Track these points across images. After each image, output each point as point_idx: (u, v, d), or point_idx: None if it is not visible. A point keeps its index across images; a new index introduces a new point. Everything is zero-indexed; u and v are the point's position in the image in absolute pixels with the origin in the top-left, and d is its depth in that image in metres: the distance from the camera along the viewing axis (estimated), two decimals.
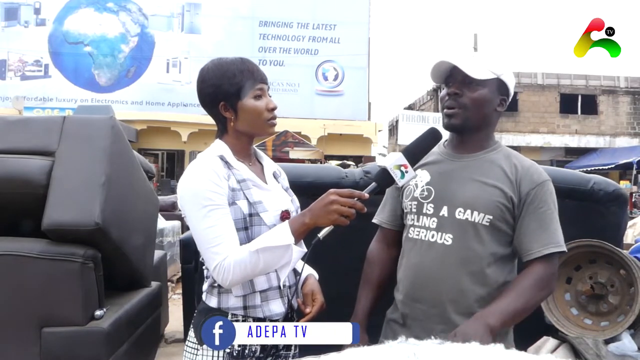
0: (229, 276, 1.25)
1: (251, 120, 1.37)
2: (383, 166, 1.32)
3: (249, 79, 1.36)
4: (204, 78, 1.38)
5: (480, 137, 1.47)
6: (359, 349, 0.66)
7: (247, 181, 1.35)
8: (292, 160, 13.61)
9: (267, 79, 1.41)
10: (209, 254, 1.27)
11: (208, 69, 1.39)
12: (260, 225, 1.32)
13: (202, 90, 1.39)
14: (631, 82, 20.42)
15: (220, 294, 1.34)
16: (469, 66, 1.39)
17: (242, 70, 1.36)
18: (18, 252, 1.86)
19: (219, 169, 1.32)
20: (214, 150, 1.38)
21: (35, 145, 2.01)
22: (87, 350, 1.88)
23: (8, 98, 17.72)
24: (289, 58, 18.95)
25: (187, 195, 1.32)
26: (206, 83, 1.37)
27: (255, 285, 1.33)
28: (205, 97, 1.39)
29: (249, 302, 1.33)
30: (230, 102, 1.36)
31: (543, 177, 1.43)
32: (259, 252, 1.24)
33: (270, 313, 1.35)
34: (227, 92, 1.35)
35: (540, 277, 1.38)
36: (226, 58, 1.40)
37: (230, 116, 1.37)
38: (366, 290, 1.56)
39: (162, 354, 3.34)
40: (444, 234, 1.42)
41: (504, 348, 0.65)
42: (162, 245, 5.00)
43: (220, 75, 1.36)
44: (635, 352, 2.00)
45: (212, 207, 1.27)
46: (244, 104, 1.36)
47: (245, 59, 1.39)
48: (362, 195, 1.25)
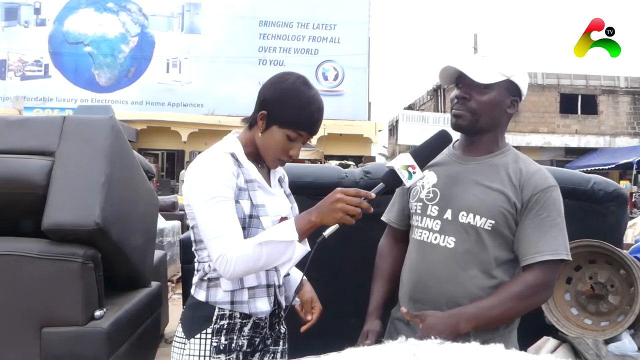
0: (230, 268, 1.25)
1: (267, 146, 1.36)
2: (391, 167, 1.31)
3: (302, 122, 1.33)
4: (280, 86, 1.34)
5: (490, 139, 1.45)
6: (359, 349, 0.66)
7: (254, 182, 1.35)
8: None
9: (315, 133, 1.38)
10: (213, 244, 1.27)
11: (293, 82, 1.34)
12: (257, 228, 1.33)
13: (265, 92, 1.35)
14: (631, 82, 20.41)
15: (209, 287, 1.35)
16: (475, 71, 1.38)
17: (309, 111, 1.32)
18: (18, 252, 1.86)
19: (230, 165, 1.33)
20: (226, 146, 1.37)
21: (35, 145, 2.01)
22: (87, 350, 1.88)
23: (8, 98, 17.74)
24: (289, 58, 18.95)
25: (195, 185, 1.31)
26: (277, 88, 1.34)
27: (245, 282, 1.34)
28: (262, 99, 1.35)
29: (237, 297, 1.34)
30: (270, 118, 1.33)
31: (548, 183, 1.40)
32: (262, 245, 1.25)
33: (256, 310, 1.36)
34: (277, 111, 1.32)
35: (529, 285, 1.35)
36: (313, 90, 1.35)
37: (260, 126, 1.35)
38: (379, 284, 1.57)
39: (162, 354, 3.33)
40: (447, 237, 1.41)
41: (504, 348, 0.65)
42: (162, 245, 4.99)
43: (292, 97, 1.32)
44: (635, 352, 2.00)
45: (220, 198, 1.28)
46: (275, 131, 1.33)
47: (322, 106, 1.35)
48: (368, 195, 1.24)
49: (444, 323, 1.30)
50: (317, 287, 1.52)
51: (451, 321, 1.30)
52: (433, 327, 1.29)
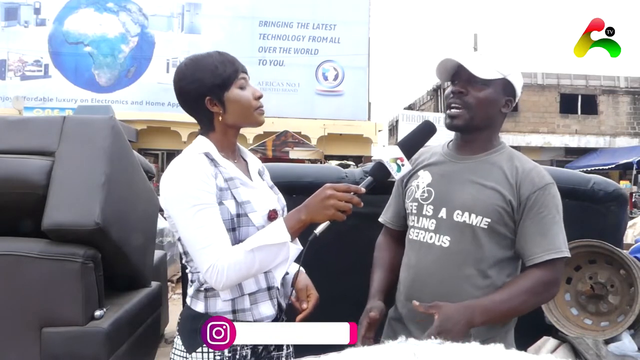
0: (222, 278, 1.19)
1: (240, 111, 1.32)
2: (379, 159, 1.30)
3: (231, 69, 1.30)
4: (183, 75, 1.31)
5: (484, 137, 1.45)
6: (359, 349, 0.66)
7: (235, 179, 1.30)
8: (292, 160, 13.63)
9: (246, 68, 1.36)
10: (201, 256, 1.21)
11: (186, 65, 1.32)
12: (248, 226, 1.27)
13: (183, 88, 1.32)
14: (631, 82, 20.41)
15: (207, 298, 1.29)
16: (474, 65, 1.38)
17: (222, 62, 1.31)
18: (18, 252, 1.86)
19: (206, 167, 1.27)
20: (198, 147, 1.31)
21: (35, 145, 2.01)
22: (87, 350, 1.88)
23: (8, 98, 17.72)
24: (289, 58, 18.94)
25: (173, 194, 1.25)
26: (187, 79, 1.31)
27: (244, 288, 1.29)
28: (188, 95, 1.32)
29: (238, 305, 1.29)
30: (217, 95, 1.30)
31: (545, 180, 1.40)
32: (254, 251, 1.19)
33: (260, 316, 1.31)
34: (212, 85, 1.29)
35: (538, 282, 1.36)
36: (201, 53, 1.34)
37: (218, 110, 1.31)
38: (378, 273, 1.55)
39: (162, 354, 3.33)
40: (442, 236, 1.41)
41: (504, 348, 0.65)
42: (162, 245, 4.99)
43: (201, 69, 1.29)
44: (635, 352, 2.00)
45: (201, 206, 1.22)
46: (231, 95, 1.30)
47: (222, 52, 1.34)
48: (358, 190, 1.22)
49: (460, 314, 1.29)
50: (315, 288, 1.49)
51: (467, 312, 1.29)
52: (450, 317, 1.28)
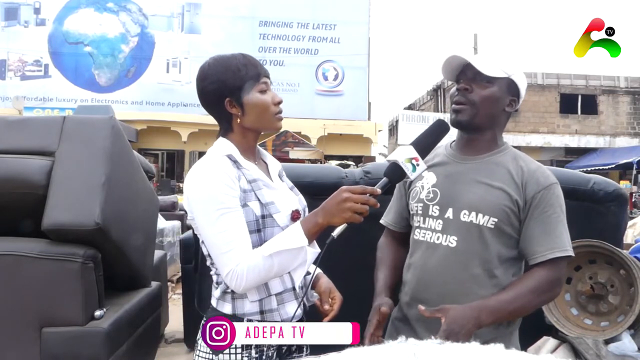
0: (242, 282, 1.21)
1: (258, 115, 1.32)
2: (394, 160, 1.28)
3: (253, 73, 1.32)
4: (206, 75, 1.33)
5: (487, 137, 1.45)
6: (359, 348, 0.66)
7: (258, 181, 1.30)
8: (292, 160, 13.63)
9: (269, 73, 1.37)
10: (222, 260, 1.23)
11: (209, 65, 1.34)
12: (273, 227, 1.28)
13: (205, 88, 1.33)
14: (631, 82, 20.42)
15: (235, 299, 1.30)
16: (480, 62, 1.39)
17: (245, 64, 1.32)
18: (18, 252, 1.86)
19: (229, 170, 1.27)
20: (221, 149, 1.32)
21: (35, 145, 2.01)
22: (87, 350, 1.88)
23: (8, 98, 17.75)
24: (289, 58, 18.97)
25: (197, 198, 1.26)
26: (209, 79, 1.32)
27: (271, 289, 1.29)
28: (209, 95, 1.33)
29: (266, 306, 1.29)
30: (236, 98, 1.31)
31: (550, 180, 1.40)
32: (272, 256, 1.21)
33: (287, 316, 1.30)
34: (233, 87, 1.30)
35: (544, 281, 1.36)
36: (227, 54, 1.35)
37: (236, 112, 1.32)
38: (382, 271, 1.55)
39: (162, 354, 3.34)
40: (449, 236, 1.41)
41: (504, 348, 0.65)
42: (162, 245, 5.00)
43: (224, 70, 1.31)
44: (635, 352, 2.00)
45: (224, 210, 1.23)
46: (250, 98, 1.31)
47: (247, 54, 1.35)
48: (374, 191, 1.22)
49: (467, 315, 1.29)
50: None
51: (473, 314, 1.29)
52: (457, 319, 1.28)
